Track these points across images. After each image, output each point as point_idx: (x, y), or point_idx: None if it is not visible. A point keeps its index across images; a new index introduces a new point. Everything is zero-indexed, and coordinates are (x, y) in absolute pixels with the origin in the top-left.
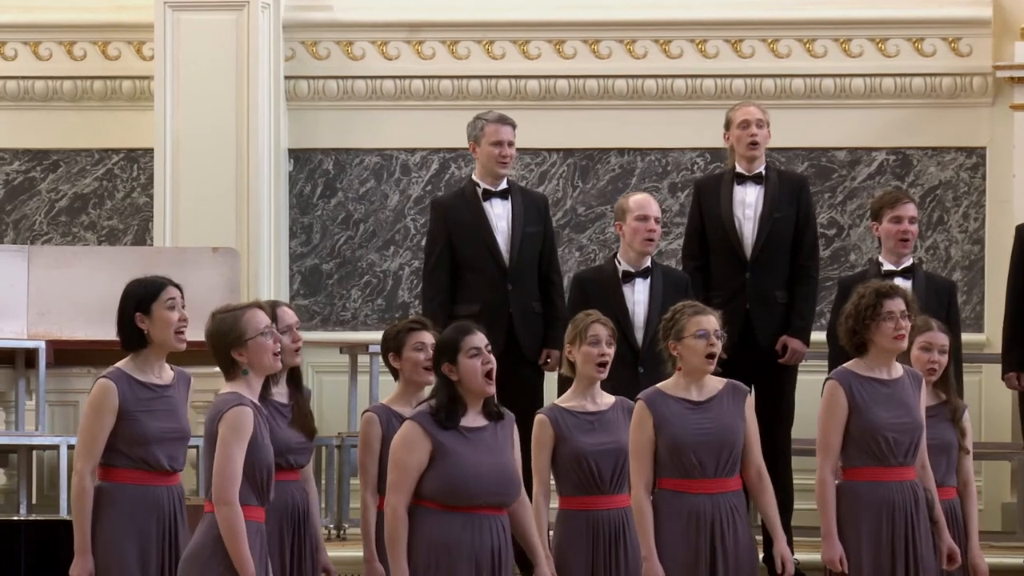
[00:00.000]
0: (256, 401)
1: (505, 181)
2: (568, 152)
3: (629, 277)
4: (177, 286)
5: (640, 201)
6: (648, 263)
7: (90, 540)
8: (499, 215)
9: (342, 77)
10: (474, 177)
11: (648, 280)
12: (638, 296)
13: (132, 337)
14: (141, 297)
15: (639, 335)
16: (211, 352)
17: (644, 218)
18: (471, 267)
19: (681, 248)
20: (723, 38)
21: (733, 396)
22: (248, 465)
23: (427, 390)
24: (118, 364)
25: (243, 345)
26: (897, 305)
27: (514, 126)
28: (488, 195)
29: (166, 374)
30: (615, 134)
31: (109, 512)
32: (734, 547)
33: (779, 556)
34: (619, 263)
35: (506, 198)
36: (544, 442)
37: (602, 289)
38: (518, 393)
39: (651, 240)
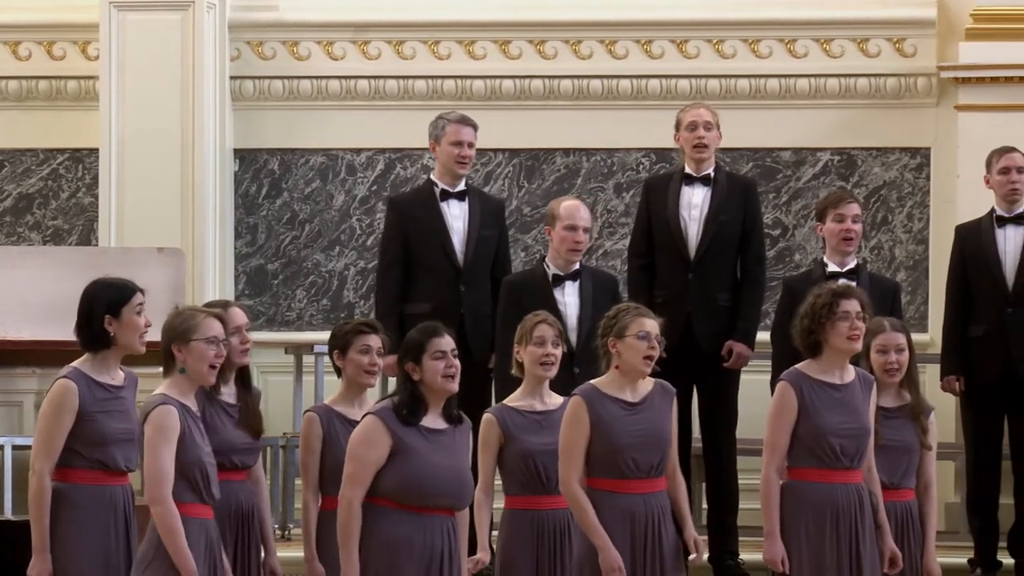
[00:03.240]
0: (185, 402)
1: (463, 183)
2: (514, 152)
3: (559, 280)
4: (142, 291)
5: (570, 210)
6: (576, 266)
7: (49, 540)
8: (456, 216)
9: (287, 77)
10: (432, 177)
11: (577, 282)
12: (568, 299)
13: (96, 338)
14: (112, 300)
15: (572, 336)
16: (161, 343)
17: (572, 228)
18: (425, 266)
19: (627, 248)
20: (668, 39)
21: (662, 397)
22: (180, 463)
23: (370, 392)
24: (75, 364)
25: (185, 344)
26: (853, 306)
27: (475, 127)
28: (446, 196)
29: (119, 375)
30: (561, 134)
31: (67, 513)
32: (662, 547)
33: (691, 540)
34: (548, 267)
35: (463, 199)
36: (490, 441)
37: (532, 293)
38: (467, 394)
39: (577, 250)
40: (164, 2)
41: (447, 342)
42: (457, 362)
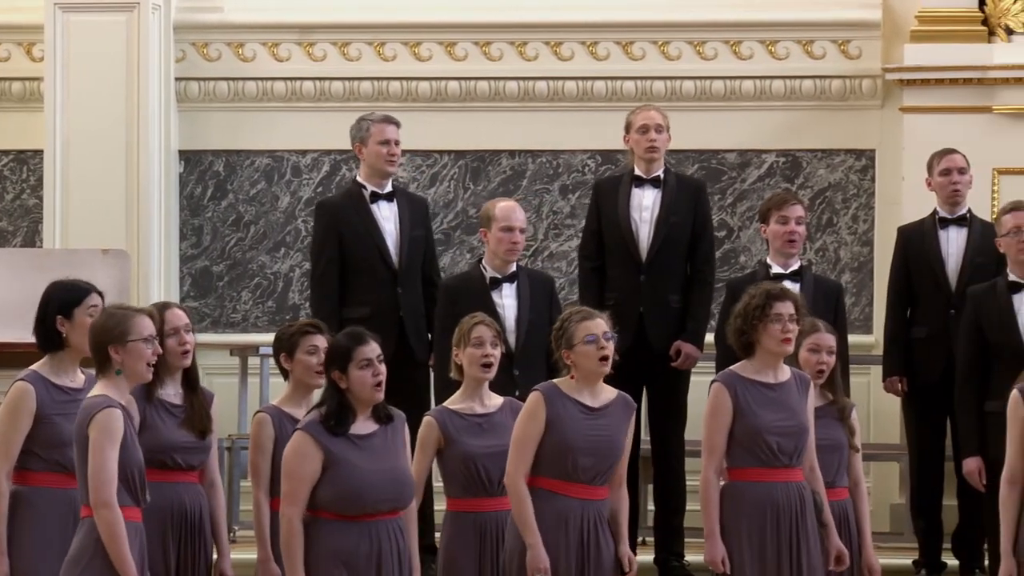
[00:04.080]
0: (123, 403)
1: (390, 183)
2: (459, 154)
3: (496, 283)
4: (100, 293)
5: (505, 211)
6: (513, 268)
7: (6, 543)
8: (386, 217)
9: (233, 79)
10: (359, 179)
11: (515, 284)
12: (506, 300)
13: (49, 339)
14: (64, 301)
15: (511, 338)
16: (90, 344)
17: (509, 229)
18: (360, 270)
19: (574, 249)
20: (614, 40)
21: (623, 409)
22: (120, 466)
23: (317, 393)
24: (33, 367)
25: (122, 345)
26: (786, 308)
27: (399, 125)
28: (375, 197)
29: (78, 377)
30: (506, 136)
31: (25, 515)
32: (600, 553)
33: (625, 557)
34: (485, 269)
35: (392, 200)
36: (428, 444)
37: (470, 296)
38: (408, 395)
39: (514, 251)
40: (109, 3)
41: (373, 349)
42: (383, 368)
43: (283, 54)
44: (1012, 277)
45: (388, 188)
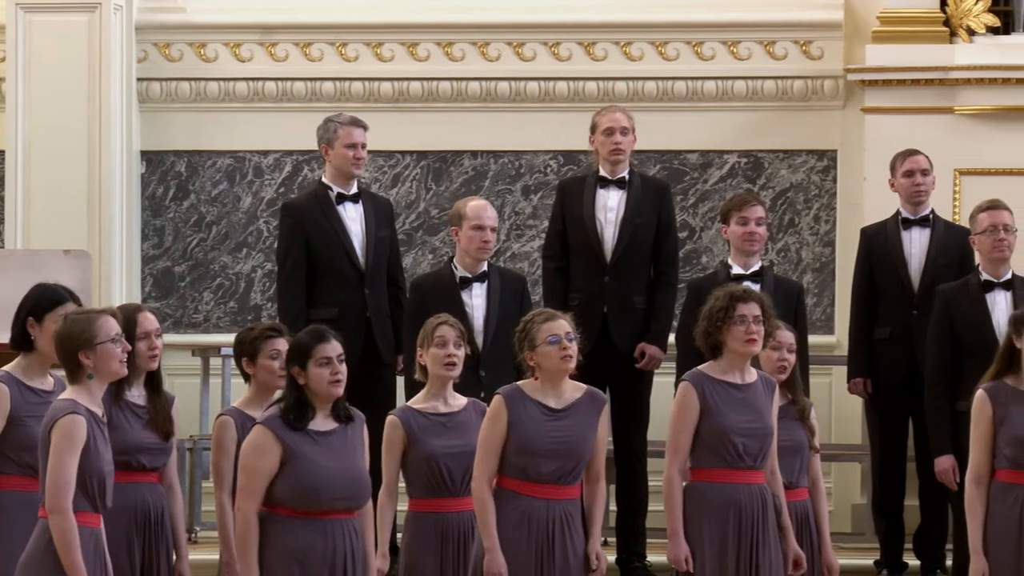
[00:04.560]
0: (93, 408)
1: (355, 185)
2: (421, 154)
3: (466, 282)
4: (78, 301)
5: (476, 209)
6: (484, 267)
7: None
8: (352, 219)
9: (195, 79)
10: (325, 180)
11: (485, 284)
12: (476, 300)
13: (18, 339)
14: (38, 303)
15: (479, 339)
16: (58, 353)
17: (480, 228)
18: (327, 271)
19: (537, 250)
20: (576, 41)
21: (590, 405)
22: (80, 472)
23: (279, 393)
24: (6, 368)
25: (91, 349)
26: (751, 310)
27: (366, 128)
28: (341, 199)
29: (48, 380)
30: (468, 136)
31: None
32: (565, 554)
33: (592, 553)
34: (456, 268)
35: (357, 202)
36: (394, 443)
37: (439, 295)
38: (374, 395)
39: (485, 250)
40: (71, 4)
41: (334, 347)
42: (343, 368)
43: (245, 54)
44: (984, 275)
45: (354, 189)
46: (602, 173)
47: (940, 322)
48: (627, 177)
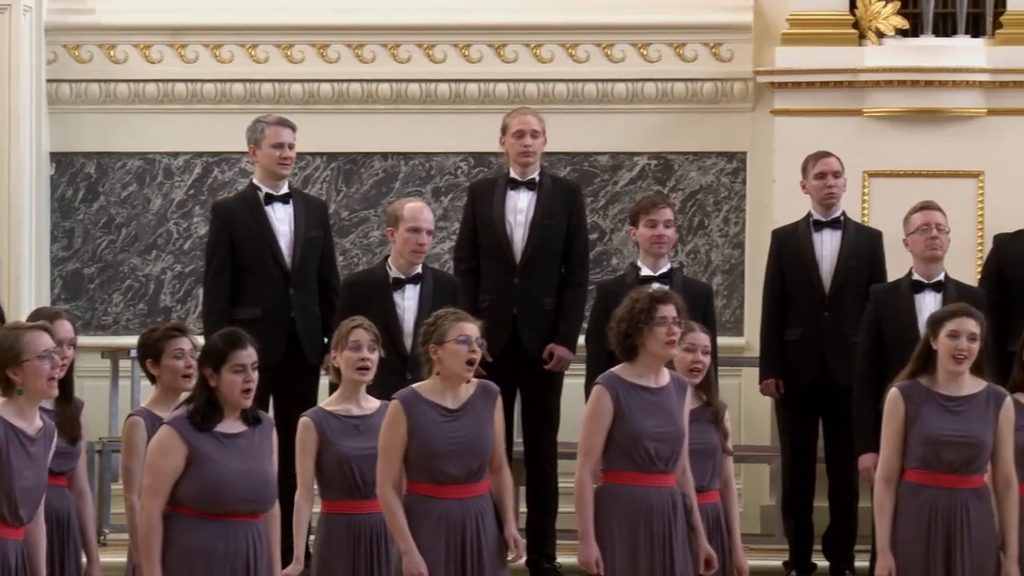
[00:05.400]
0: (17, 423)
1: (286, 185)
2: (332, 156)
3: (399, 283)
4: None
5: (413, 211)
6: (419, 269)
7: None
8: (281, 219)
9: (104, 80)
10: (255, 181)
11: (418, 286)
12: (407, 302)
13: None
14: None
15: (407, 342)
16: None
17: (416, 230)
18: (253, 271)
19: (448, 252)
20: (486, 43)
21: (484, 398)
22: None
23: (182, 396)
24: None
25: (19, 365)
26: (670, 311)
27: (294, 128)
28: (270, 199)
29: None
30: (379, 138)
31: None
32: (481, 551)
33: (510, 538)
34: (390, 268)
35: (287, 202)
36: (308, 444)
37: (371, 294)
38: (296, 397)
39: (420, 253)
40: None
41: (249, 355)
42: (255, 376)
43: (155, 56)
44: (915, 276)
45: (284, 190)
46: (512, 175)
47: (870, 321)
48: (537, 179)
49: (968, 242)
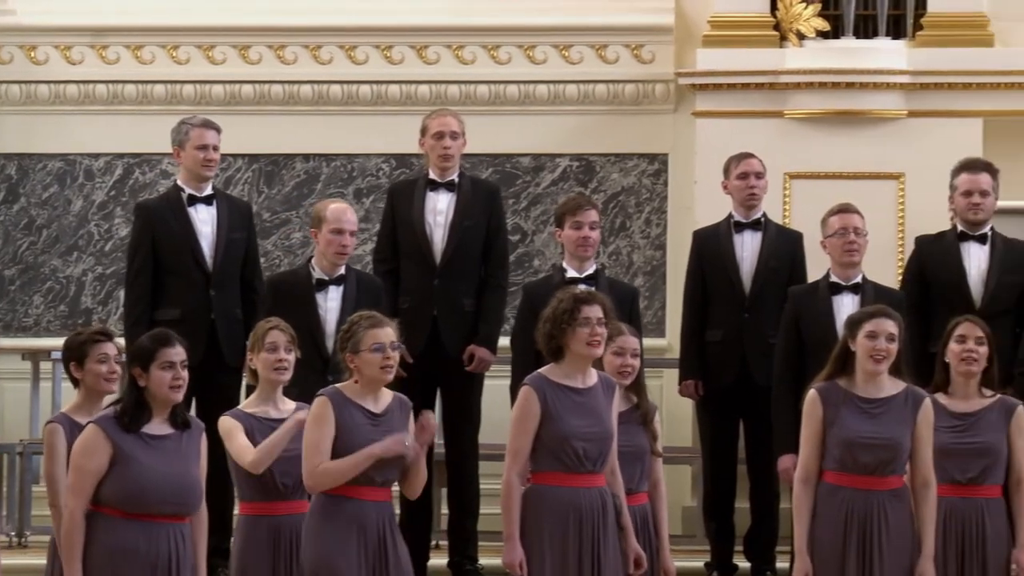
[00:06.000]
0: None
1: (210, 187)
2: (253, 158)
3: (322, 284)
4: None
5: (336, 213)
6: (342, 270)
7: None
8: (204, 220)
9: (25, 82)
10: (179, 182)
11: (341, 287)
12: (330, 303)
13: None
14: None
15: (329, 343)
16: None
17: (339, 231)
18: (174, 272)
19: (369, 253)
20: (408, 44)
21: (400, 412)
22: None
23: (108, 398)
24: None
25: None
26: (594, 312)
27: (219, 130)
28: (193, 200)
29: None
30: (300, 140)
31: None
32: (395, 554)
33: None
34: (313, 269)
35: (211, 204)
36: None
37: (294, 295)
38: (216, 399)
39: (343, 254)
40: None
41: (178, 353)
42: (185, 373)
43: (76, 57)
44: (833, 278)
45: (207, 191)
46: (432, 176)
47: (788, 322)
48: (457, 180)
49: (889, 244)
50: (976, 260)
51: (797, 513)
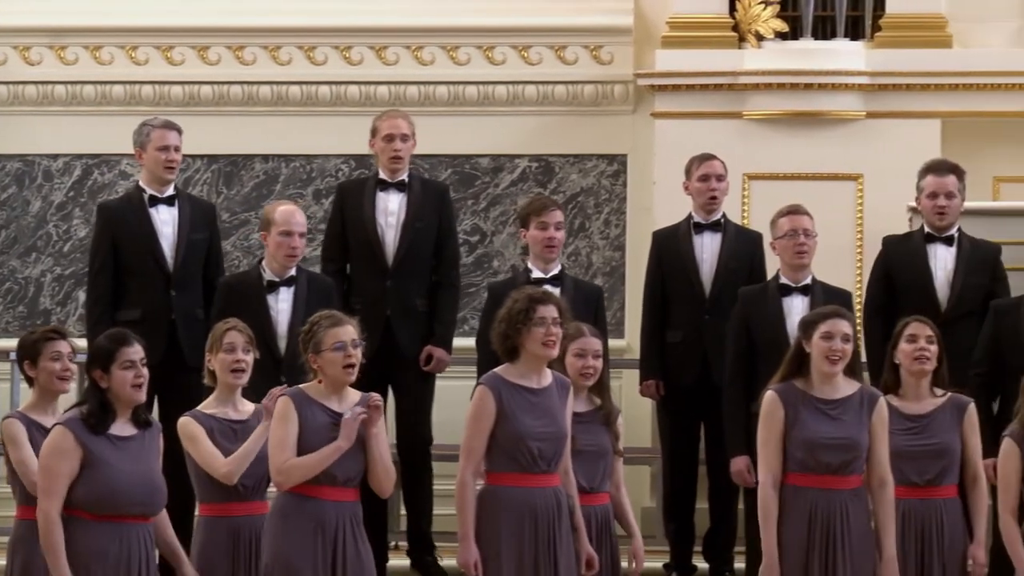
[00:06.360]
0: None
1: (172, 187)
2: (212, 158)
3: (273, 286)
4: None
5: (285, 215)
6: (293, 271)
7: None
8: (165, 221)
9: None
10: (140, 183)
11: (292, 288)
12: (281, 305)
13: None
14: None
15: (281, 344)
16: None
17: (288, 233)
18: (134, 272)
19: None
20: (367, 45)
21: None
22: None
23: (63, 399)
24: None
25: None
26: (549, 312)
27: (180, 131)
28: (155, 201)
29: None
30: (259, 140)
31: None
32: (355, 555)
33: None
34: (264, 271)
35: (172, 204)
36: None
37: (246, 296)
38: (177, 399)
39: (293, 256)
40: None
41: (136, 351)
42: (145, 371)
43: (34, 58)
44: (783, 279)
45: (169, 192)
46: (382, 176)
47: (738, 324)
48: (407, 180)
49: (847, 244)
50: (943, 261)
51: (762, 515)
